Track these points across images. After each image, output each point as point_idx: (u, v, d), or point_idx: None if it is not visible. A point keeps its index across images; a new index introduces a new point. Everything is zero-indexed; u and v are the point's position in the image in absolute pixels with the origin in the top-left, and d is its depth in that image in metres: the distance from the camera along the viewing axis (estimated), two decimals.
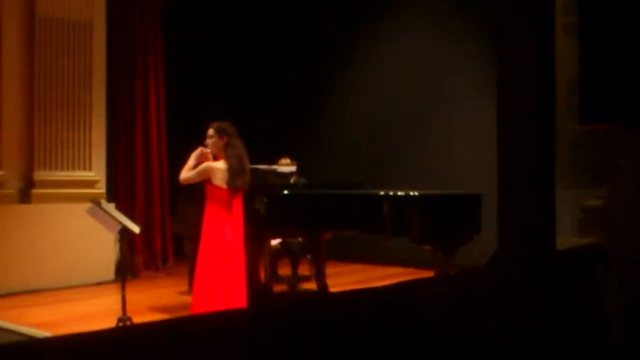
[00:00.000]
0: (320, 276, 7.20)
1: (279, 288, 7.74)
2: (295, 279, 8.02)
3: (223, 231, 5.34)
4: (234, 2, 11.05)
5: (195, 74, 10.43)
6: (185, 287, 7.67)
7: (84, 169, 8.67)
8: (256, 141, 8.39)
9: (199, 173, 5.40)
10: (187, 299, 7.02)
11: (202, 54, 10.70)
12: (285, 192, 6.40)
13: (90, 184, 8.67)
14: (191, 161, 5.48)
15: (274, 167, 7.55)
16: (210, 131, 5.49)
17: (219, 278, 5.26)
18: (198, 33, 10.65)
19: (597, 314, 2.70)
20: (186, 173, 5.45)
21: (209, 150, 5.53)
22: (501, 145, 2.13)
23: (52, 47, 8.41)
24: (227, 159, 5.41)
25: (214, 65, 10.74)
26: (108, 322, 5.49)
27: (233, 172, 5.37)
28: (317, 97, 11.09)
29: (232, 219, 5.40)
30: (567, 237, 3.11)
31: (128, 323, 5.30)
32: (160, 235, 9.58)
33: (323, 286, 7.15)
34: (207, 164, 5.43)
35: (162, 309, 6.73)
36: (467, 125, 9.06)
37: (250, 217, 6.10)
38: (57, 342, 1.56)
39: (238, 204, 5.46)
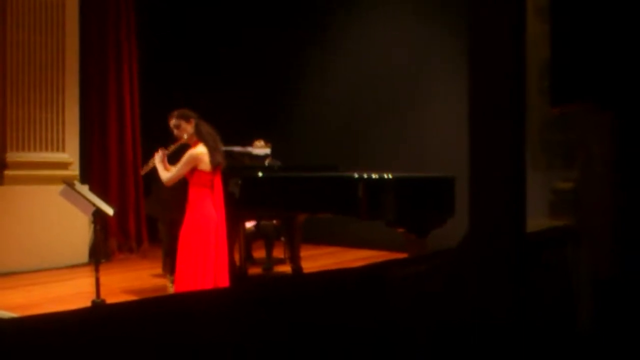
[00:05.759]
0: (294, 259, 7.23)
1: (253, 271, 7.75)
2: (270, 261, 8.03)
3: (209, 211, 5.23)
4: None
5: (170, 54, 10.36)
6: (159, 270, 7.66)
7: (57, 150, 8.60)
8: (231, 123, 8.40)
9: (187, 164, 5.16)
10: (162, 281, 7.03)
11: (176, 34, 10.63)
12: (260, 174, 6.38)
13: (64, 165, 8.60)
14: (160, 165, 5.27)
15: (249, 149, 7.55)
16: (174, 120, 5.26)
17: (208, 258, 5.17)
18: (172, 11, 10.57)
19: (566, 294, 2.74)
20: (168, 173, 5.23)
21: (166, 151, 5.34)
22: (472, 126, 2.14)
23: (24, 26, 8.29)
24: (203, 139, 5.24)
25: (188, 46, 10.68)
26: (82, 304, 5.48)
27: (212, 150, 5.23)
28: (291, 79, 11.07)
29: (214, 198, 5.30)
30: (538, 219, 3.14)
31: None
32: (135, 218, 9.53)
33: (297, 269, 7.18)
34: (193, 152, 5.18)
35: (136, 292, 6.71)
36: (440, 108, 9.09)
37: (225, 199, 6.09)
38: (26, 323, 1.55)
39: (218, 181, 5.35)
